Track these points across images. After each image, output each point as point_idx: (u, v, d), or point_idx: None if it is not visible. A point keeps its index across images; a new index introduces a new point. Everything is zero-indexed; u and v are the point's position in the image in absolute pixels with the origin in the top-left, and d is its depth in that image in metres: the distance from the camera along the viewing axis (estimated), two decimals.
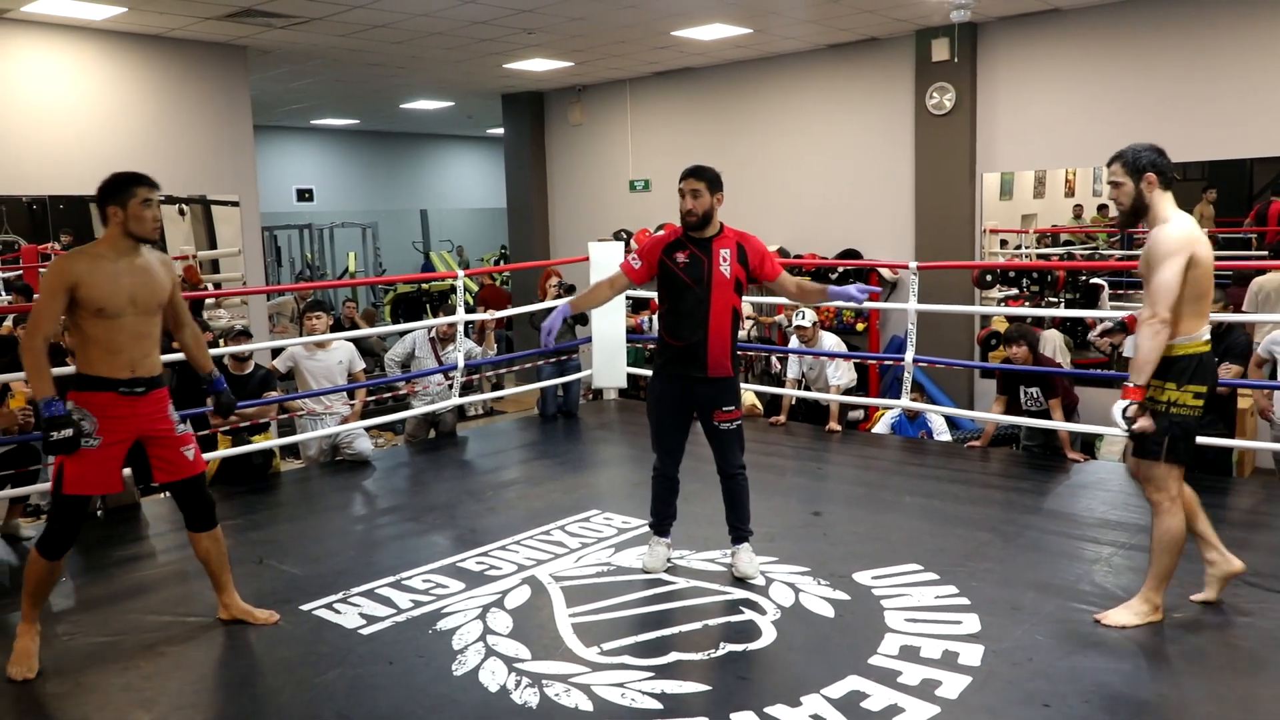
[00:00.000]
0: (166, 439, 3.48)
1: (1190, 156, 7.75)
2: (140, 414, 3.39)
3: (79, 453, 3.25)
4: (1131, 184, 3.41)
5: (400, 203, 16.48)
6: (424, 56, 9.13)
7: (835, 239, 9.35)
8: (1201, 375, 3.34)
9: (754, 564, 4.04)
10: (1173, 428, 3.33)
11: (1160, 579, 3.44)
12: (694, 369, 3.90)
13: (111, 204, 3.35)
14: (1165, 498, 3.39)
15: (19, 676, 3.27)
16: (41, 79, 7.55)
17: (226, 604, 3.71)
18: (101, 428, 3.30)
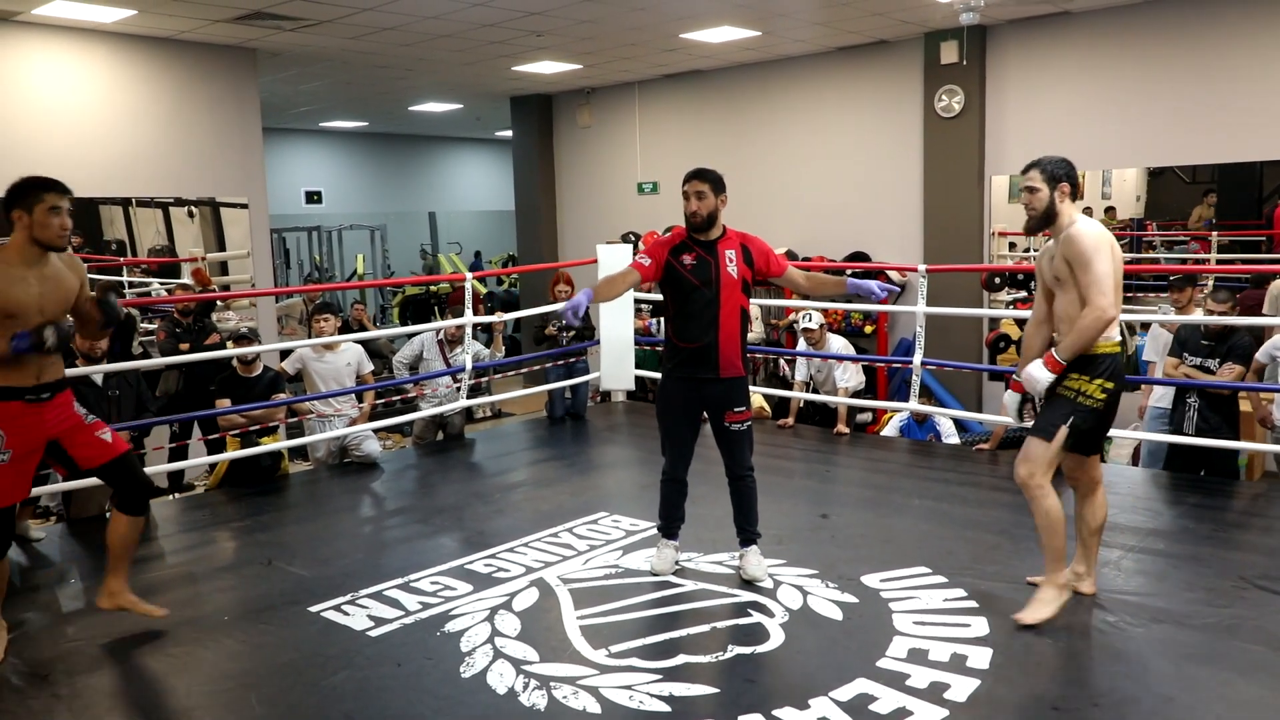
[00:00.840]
0: (78, 429, 3.43)
1: (1199, 160, 7.74)
2: (48, 420, 3.35)
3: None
4: (1047, 191, 3.52)
5: (409, 205, 16.50)
6: (433, 59, 9.15)
7: (844, 241, 9.34)
8: (1113, 373, 3.46)
9: (762, 566, 4.03)
10: (1074, 414, 3.45)
11: (1056, 559, 3.53)
12: (705, 370, 3.91)
13: (17, 209, 3.26)
14: (1038, 481, 3.49)
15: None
16: (52, 81, 7.58)
17: (114, 591, 3.64)
18: (10, 440, 3.25)
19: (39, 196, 3.24)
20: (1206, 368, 5.41)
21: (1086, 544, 3.74)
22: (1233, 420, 5.48)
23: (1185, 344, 5.54)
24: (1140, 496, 5.29)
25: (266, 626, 3.74)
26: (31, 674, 3.41)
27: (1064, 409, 3.47)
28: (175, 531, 5.18)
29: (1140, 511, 4.97)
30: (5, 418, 3.23)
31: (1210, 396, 5.39)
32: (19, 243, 3.27)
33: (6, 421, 3.24)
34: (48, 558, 4.77)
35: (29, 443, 3.30)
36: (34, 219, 3.23)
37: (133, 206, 8.24)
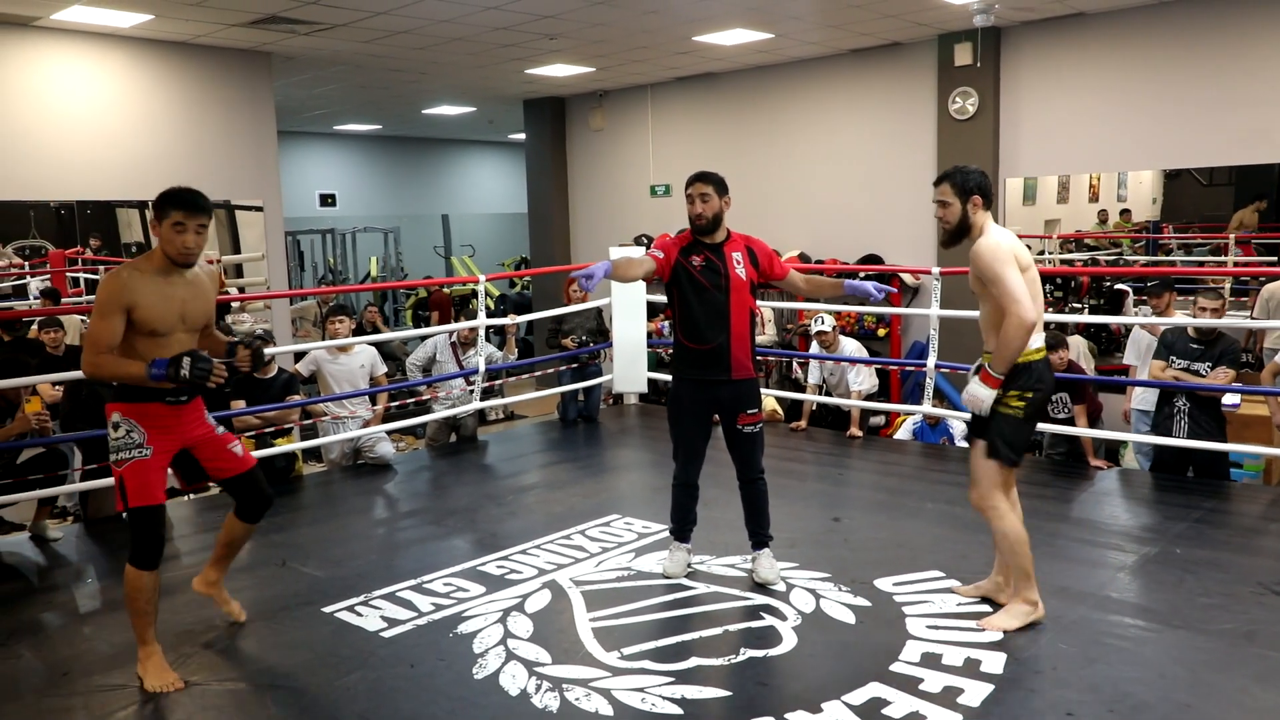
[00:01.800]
0: (212, 441, 3.50)
1: (1216, 161, 7.69)
2: (184, 422, 3.39)
3: (135, 464, 3.24)
4: (959, 204, 3.48)
5: (422, 208, 16.55)
6: (446, 62, 9.18)
7: (857, 243, 9.32)
8: (1029, 381, 3.42)
9: (774, 569, 4.04)
10: (994, 427, 3.44)
11: (1025, 576, 3.49)
12: (717, 372, 3.92)
13: (154, 220, 3.34)
14: (988, 503, 3.48)
15: (162, 688, 3.25)
16: (69, 86, 7.64)
17: (212, 580, 3.75)
18: (150, 438, 3.28)
19: (166, 211, 3.28)
20: (1195, 370, 5.36)
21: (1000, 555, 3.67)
22: (1220, 422, 5.44)
23: (1172, 347, 5.48)
24: (1154, 501, 5.26)
25: (280, 627, 3.75)
26: (49, 673, 3.44)
27: (986, 423, 3.48)
28: (191, 532, 5.20)
29: (1155, 516, 4.94)
30: (146, 417, 3.29)
31: (1199, 399, 5.34)
32: (158, 253, 3.33)
33: (147, 420, 3.29)
34: (65, 558, 4.80)
35: (167, 444, 3.34)
36: (161, 233, 3.29)
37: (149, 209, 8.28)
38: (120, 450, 3.25)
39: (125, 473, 3.25)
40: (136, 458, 3.25)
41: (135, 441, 3.25)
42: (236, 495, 3.61)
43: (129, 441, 3.25)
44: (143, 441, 3.26)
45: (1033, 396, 3.42)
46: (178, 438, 3.38)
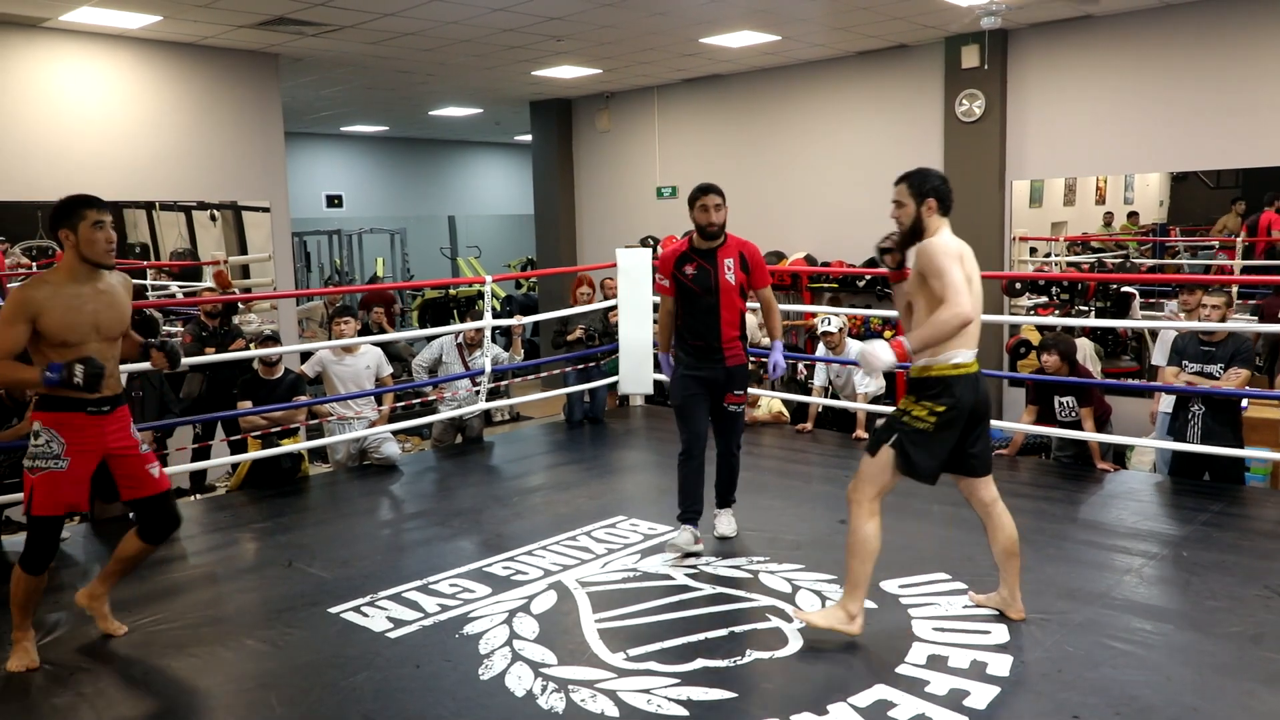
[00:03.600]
0: (130, 458, 3.47)
1: (1223, 164, 7.67)
2: (106, 432, 3.38)
3: (48, 475, 3.27)
4: (913, 206, 3.46)
5: (428, 209, 16.57)
6: (453, 64, 9.20)
7: (863, 246, 9.29)
8: (941, 396, 3.31)
9: (732, 525, 4.61)
10: (898, 435, 3.36)
11: (854, 586, 3.41)
12: (711, 361, 4.40)
13: (62, 228, 3.27)
14: (859, 499, 3.43)
15: (19, 668, 3.39)
16: (78, 87, 7.67)
17: (96, 594, 3.69)
18: (70, 449, 3.29)
19: (81, 214, 3.25)
20: (1208, 373, 5.34)
21: (1003, 567, 3.60)
22: (1236, 425, 5.42)
23: (1184, 352, 5.46)
24: (1162, 504, 5.25)
25: (286, 627, 3.76)
26: (55, 673, 3.45)
27: (889, 428, 3.39)
28: (197, 533, 5.22)
29: (1162, 519, 4.93)
30: (67, 427, 3.28)
31: (1213, 402, 5.32)
32: (69, 262, 3.30)
33: (68, 430, 3.28)
34: (72, 558, 4.81)
35: (87, 456, 3.33)
36: (80, 236, 3.25)
37: (156, 210, 8.31)
38: (37, 458, 3.27)
39: (37, 482, 3.28)
40: (51, 469, 3.27)
41: (53, 452, 3.27)
42: (143, 516, 3.60)
43: (47, 451, 3.27)
44: (60, 453, 3.27)
45: (943, 411, 3.30)
46: (98, 449, 3.37)
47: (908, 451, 3.34)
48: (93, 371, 3.18)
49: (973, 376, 3.38)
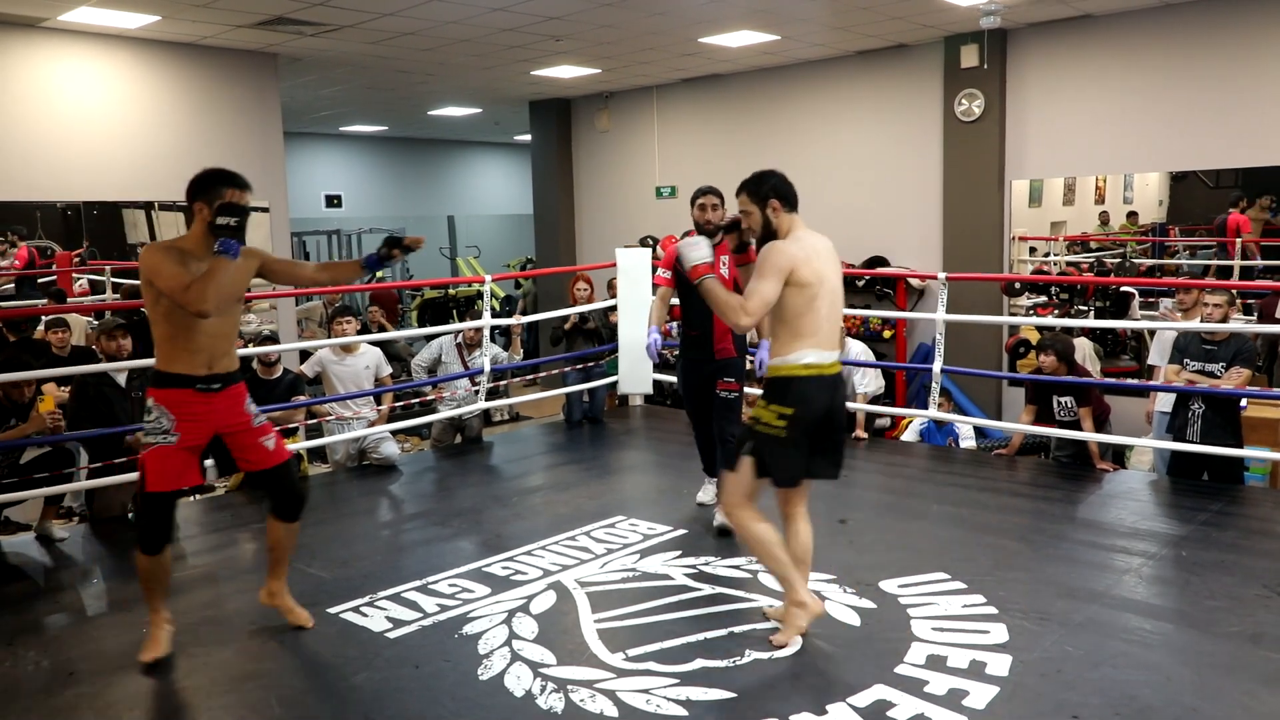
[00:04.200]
0: (245, 431, 3.45)
1: (1222, 163, 7.67)
2: (217, 410, 3.37)
3: (158, 450, 3.27)
4: (758, 212, 3.41)
5: (428, 209, 16.57)
6: (452, 63, 9.19)
7: (863, 246, 9.31)
8: (787, 398, 3.28)
9: (711, 494, 4.89)
10: (754, 443, 3.35)
11: (786, 580, 3.41)
12: (704, 351, 4.75)
13: (199, 200, 3.28)
14: (734, 512, 3.41)
15: (147, 659, 3.40)
16: (76, 87, 7.66)
17: (274, 591, 3.71)
18: (179, 425, 3.29)
19: (219, 191, 3.25)
20: (1210, 372, 5.35)
21: (795, 563, 3.62)
22: (1236, 425, 5.43)
23: (1185, 350, 5.47)
24: (1161, 503, 5.25)
25: (286, 627, 3.75)
26: (56, 672, 3.45)
27: (745, 436, 3.40)
28: (197, 533, 5.22)
29: (1161, 519, 4.94)
30: (175, 403, 3.29)
31: (1213, 401, 5.33)
32: (198, 234, 3.30)
33: (176, 406, 3.29)
34: (71, 558, 4.82)
35: (197, 431, 3.33)
36: (213, 210, 3.24)
37: (155, 210, 8.31)
38: (149, 434, 3.29)
39: (147, 457, 3.29)
40: (160, 443, 3.28)
41: (163, 427, 3.28)
42: (266, 490, 3.61)
43: (157, 427, 3.28)
44: (170, 428, 3.28)
45: (793, 414, 3.27)
46: (208, 426, 3.36)
47: (764, 459, 3.32)
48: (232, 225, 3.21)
49: (827, 379, 3.34)
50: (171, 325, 3.26)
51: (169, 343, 3.29)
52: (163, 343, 3.30)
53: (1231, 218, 8.00)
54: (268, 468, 3.51)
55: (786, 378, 3.30)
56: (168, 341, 3.29)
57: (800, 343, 3.30)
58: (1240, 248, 7.95)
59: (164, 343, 3.30)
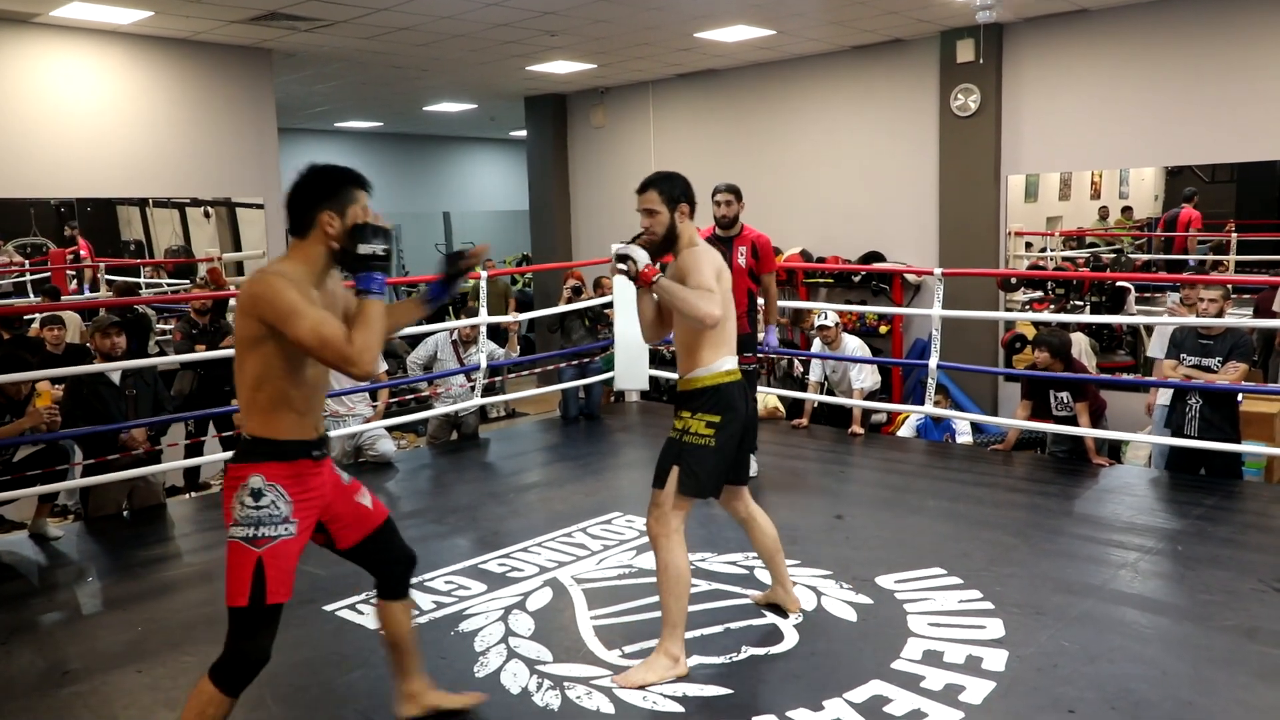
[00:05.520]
0: (343, 496, 2.71)
1: (1218, 158, 7.67)
2: (326, 482, 2.62)
3: (281, 545, 2.47)
4: (667, 214, 3.28)
5: (423, 205, 16.54)
6: (447, 59, 9.17)
7: (859, 241, 9.30)
8: (716, 405, 3.21)
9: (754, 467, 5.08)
10: (683, 457, 3.21)
11: (673, 626, 3.19)
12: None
13: (325, 208, 2.47)
14: (664, 531, 3.20)
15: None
16: (69, 83, 7.63)
17: (415, 693, 2.93)
18: (297, 509, 2.51)
19: (353, 194, 2.50)
20: (1206, 367, 5.35)
21: (771, 564, 3.65)
22: (1233, 419, 5.43)
23: (1182, 345, 5.47)
24: (1157, 498, 5.26)
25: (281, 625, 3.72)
26: (50, 671, 3.44)
27: (672, 451, 3.24)
28: (192, 530, 5.21)
29: (1157, 513, 4.94)
30: (290, 479, 2.49)
31: (1211, 396, 5.33)
32: (313, 254, 2.49)
33: (293, 484, 2.50)
34: (66, 556, 4.81)
35: (312, 513, 2.57)
36: (346, 223, 2.47)
37: (149, 207, 8.28)
38: (261, 524, 2.44)
39: (266, 555, 2.44)
40: (282, 536, 2.46)
41: (280, 515, 2.46)
42: (372, 564, 2.81)
43: (272, 515, 2.45)
44: (288, 514, 2.48)
45: (720, 421, 3.19)
46: (321, 503, 2.60)
47: (695, 472, 3.19)
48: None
49: (741, 383, 3.30)
50: (274, 378, 2.44)
51: (274, 401, 2.46)
52: (264, 401, 2.46)
53: (1184, 212, 8.13)
54: (371, 531, 2.76)
55: (713, 386, 3.23)
56: (272, 400, 2.46)
57: (720, 350, 3.25)
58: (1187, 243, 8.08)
59: (266, 401, 2.46)
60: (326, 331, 2.34)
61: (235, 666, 2.49)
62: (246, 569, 2.44)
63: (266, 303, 2.35)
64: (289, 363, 2.44)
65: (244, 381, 2.46)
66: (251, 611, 2.46)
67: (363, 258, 2.45)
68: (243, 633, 2.49)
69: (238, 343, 2.45)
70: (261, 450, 2.47)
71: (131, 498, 5.39)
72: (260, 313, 2.36)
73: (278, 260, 2.50)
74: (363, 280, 2.46)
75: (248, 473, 2.46)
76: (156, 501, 5.50)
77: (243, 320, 2.42)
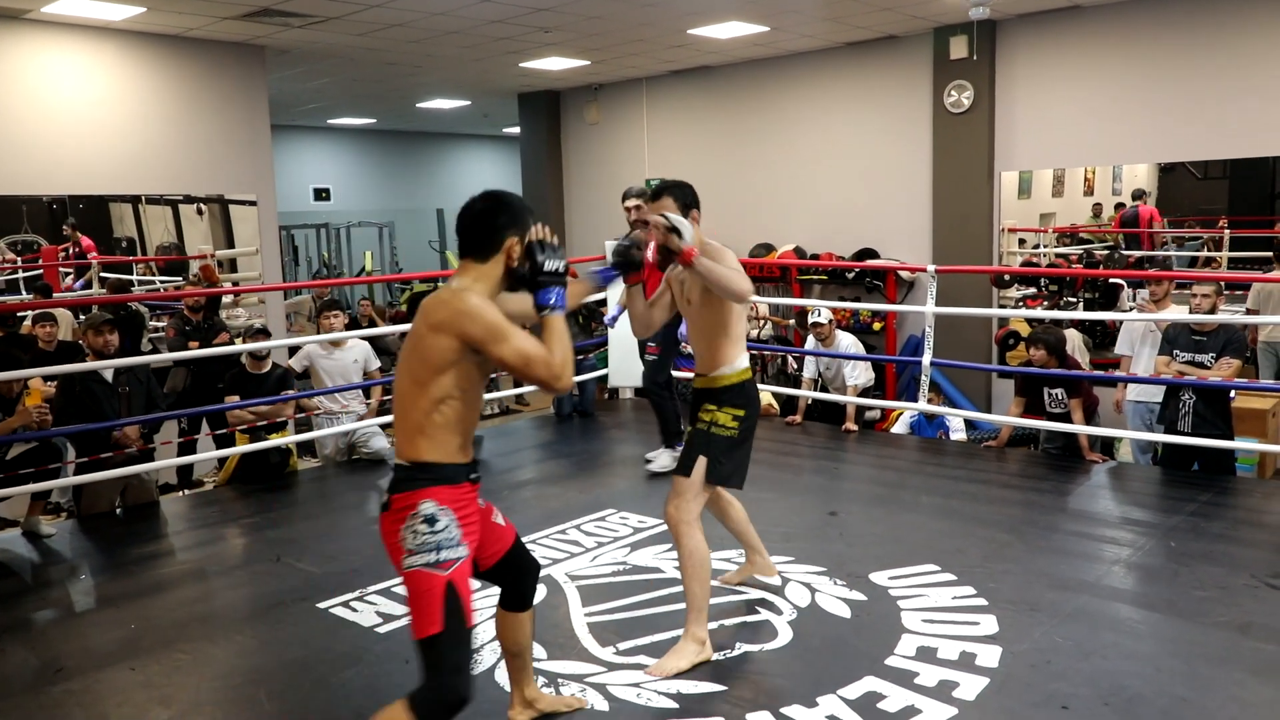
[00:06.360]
0: (485, 518, 2.66)
1: (1211, 155, 7.69)
2: (478, 506, 2.57)
3: (463, 569, 2.40)
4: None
5: (417, 202, 16.52)
6: (440, 55, 9.15)
7: (852, 238, 9.31)
8: (742, 400, 3.38)
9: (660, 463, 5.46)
10: (710, 447, 3.34)
11: (698, 610, 3.28)
12: None
13: (512, 232, 2.52)
14: (685, 518, 3.29)
15: None
16: (61, 79, 7.60)
17: (532, 699, 2.94)
18: (466, 533, 2.44)
19: (528, 221, 2.57)
20: (1199, 363, 5.36)
21: (743, 535, 3.84)
22: (1227, 415, 5.44)
23: (1174, 341, 5.49)
24: (1150, 494, 5.27)
25: (275, 623, 3.74)
26: (43, 669, 3.43)
27: (700, 443, 3.37)
28: (185, 528, 5.19)
29: (1150, 509, 4.95)
30: (460, 504, 2.44)
31: (1204, 392, 5.35)
32: (496, 276, 2.52)
33: (462, 508, 2.44)
34: (59, 554, 4.79)
35: (475, 536, 2.50)
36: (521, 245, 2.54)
37: (142, 204, 8.25)
38: (442, 549, 2.37)
39: (456, 577, 2.38)
40: (463, 558, 2.41)
41: (456, 538, 2.40)
42: (503, 578, 2.77)
43: (450, 538, 2.39)
44: (460, 538, 2.41)
45: (744, 415, 3.37)
46: (479, 529, 2.54)
47: (720, 461, 3.34)
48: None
49: (755, 384, 3.49)
50: (456, 399, 2.42)
51: (449, 423, 2.42)
52: (439, 423, 2.41)
53: (1143, 210, 8.25)
54: (508, 550, 2.72)
55: (739, 383, 3.38)
56: (448, 421, 2.42)
57: (739, 348, 3.41)
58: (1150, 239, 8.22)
59: (442, 423, 2.41)
60: (531, 350, 2.38)
61: (439, 702, 2.38)
62: (436, 595, 2.36)
63: (473, 321, 2.35)
64: (473, 385, 2.44)
65: (421, 403, 2.40)
66: (449, 637, 2.37)
67: (549, 275, 2.50)
68: (444, 664, 2.38)
69: (422, 363, 2.39)
70: (429, 475, 2.42)
71: (124, 495, 5.38)
72: (464, 331, 2.35)
73: (462, 280, 2.49)
74: (543, 296, 2.49)
75: (418, 499, 2.39)
76: (149, 499, 5.48)
77: (437, 339, 2.37)
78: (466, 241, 2.53)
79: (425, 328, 2.39)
